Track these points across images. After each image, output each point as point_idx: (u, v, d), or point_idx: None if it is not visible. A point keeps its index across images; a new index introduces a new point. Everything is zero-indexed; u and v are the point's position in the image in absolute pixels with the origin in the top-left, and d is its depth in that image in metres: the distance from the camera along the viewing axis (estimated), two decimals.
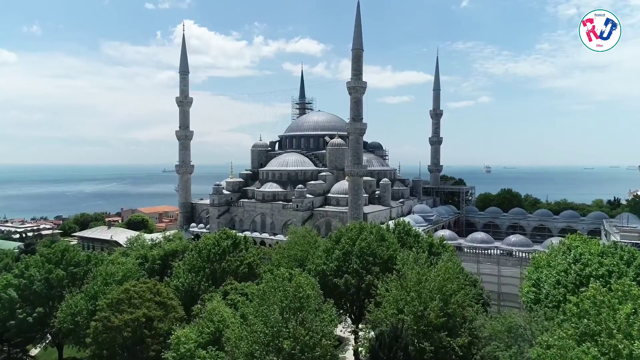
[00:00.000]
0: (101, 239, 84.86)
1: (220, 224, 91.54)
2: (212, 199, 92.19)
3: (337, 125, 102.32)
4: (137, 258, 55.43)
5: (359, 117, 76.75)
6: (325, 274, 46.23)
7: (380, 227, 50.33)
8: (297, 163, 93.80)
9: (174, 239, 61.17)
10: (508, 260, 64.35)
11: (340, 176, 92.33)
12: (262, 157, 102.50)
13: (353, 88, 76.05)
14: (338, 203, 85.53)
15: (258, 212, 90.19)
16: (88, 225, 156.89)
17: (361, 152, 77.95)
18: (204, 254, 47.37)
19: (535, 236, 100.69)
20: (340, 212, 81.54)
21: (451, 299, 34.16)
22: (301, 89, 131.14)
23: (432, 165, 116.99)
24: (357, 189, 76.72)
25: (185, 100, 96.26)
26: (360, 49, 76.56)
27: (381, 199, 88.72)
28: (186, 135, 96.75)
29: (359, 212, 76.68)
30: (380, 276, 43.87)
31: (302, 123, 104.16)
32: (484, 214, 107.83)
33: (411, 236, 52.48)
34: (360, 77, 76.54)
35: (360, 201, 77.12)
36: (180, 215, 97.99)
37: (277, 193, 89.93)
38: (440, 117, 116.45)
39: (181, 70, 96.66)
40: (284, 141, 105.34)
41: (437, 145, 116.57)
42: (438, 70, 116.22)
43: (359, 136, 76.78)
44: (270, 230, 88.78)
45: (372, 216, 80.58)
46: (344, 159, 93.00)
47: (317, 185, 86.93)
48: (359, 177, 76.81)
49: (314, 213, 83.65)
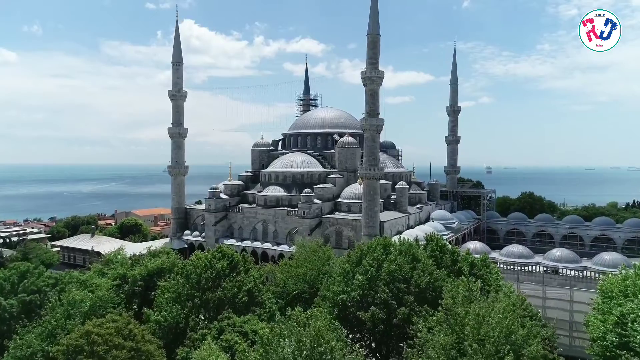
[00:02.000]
0: (82, 249, 75.38)
1: (217, 231, 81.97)
2: (207, 205, 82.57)
3: (347, 122, 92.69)
4: (115, 278, 46.01)
5: (375, 111, 67.15)
6: (345, 305, 36.77)
7: (411, 244, 40.73)
8: (303, 164, 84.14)
9: (161, 253, 51.51)
10: (553, 279, 54.78)
11: (351, 179, 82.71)
12: (263, 157, 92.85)
13: (368, 79, 66.43)
14: (350, 209, 75.88)
15: (259, 219, 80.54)
16: (78, 230, 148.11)
17: (377, 152, 68.34)
18: (193, 279, 37.80)
19: (564, 244, 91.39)
20: (352, 219, 71.88)
21: (523, 350, 24.99)
22: (305, 83, 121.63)
23: (449, 167, 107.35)
24: (372, 193, 67.11)
25: (178, 93, 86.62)
26: (377, 34, 66.97)
27: (397, 204, 79.06)
28: (180, 133, 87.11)
29: (374, 221, 67.11)
30: (415, 308, 34.58)
31: (308, 120, 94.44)
32: (507, 220, 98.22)
33: (447, 254, 42.87)
34: (376, 66, 66.94)
35: (376, 208, 67.53)
36: (173, 221, 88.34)
37: (281, 198, 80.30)
38: (457, 114, 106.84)
39: (174, 60, 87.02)
40: (288, 140, 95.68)
41: (454, 145, 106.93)
42: (455, 62, 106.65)
43: (375, 134, 67.16)
44: (273, 239, 79.13)
45: (389, 225, 71.03)
46: (355, 160, 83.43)
47: (326, 189, 77.28)
48: (375, 180, 67.19)
49: (322, 220, 74.00)
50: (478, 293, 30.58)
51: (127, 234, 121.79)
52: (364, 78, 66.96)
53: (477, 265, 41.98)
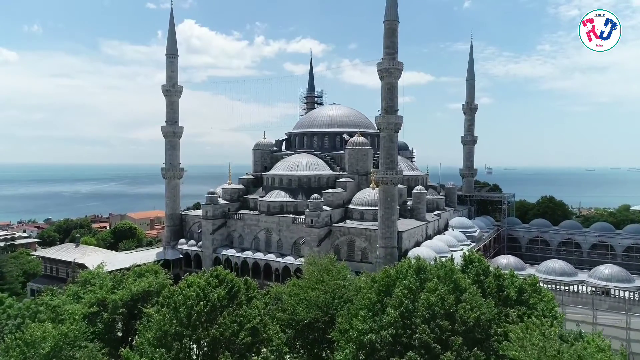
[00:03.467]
0: (65, 260, 67.80)
1: (215, 240, 74.39)
2: (205, 211, 74.94)
3: (357, 121, 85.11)
4: (92, 304, 38.53)
5: (394, 108, 59.57)
6: (373, 347, 29.24)
7: (452, 269, 33.14)
8: (310, 166, 76.51)
9: (148, 272, 43.91)
10: (603, 301, 47.25)
11: (363, 183, 75.16)
12: (266, 158, 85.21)
13: (386, 71, 58.87)
14: (362, 217, 68.27)
15: (262, 227, 72.94)
16: (70, 234, 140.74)
17: (395, 154, 60.75)
18: (183, 313, 30.23)
19: (592, 254, 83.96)
20: (366, 229, 64.26)
21: None
22: (310, 80, 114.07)
23: (465, 169, 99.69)
24: (390, 200, 59.53)
25: (173, 89, 78.97)
26: (395, 20, 59.44)
27: (414, 211, 71.48)
28: (174, 132, 79.45)
29: (392, 231, 59.55)
30: (464, 354, 27.21)
31: (315, 118, 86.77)
32: (529, 228, 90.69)
33: (491, 277, 35.28)
34: (394, 56, 59.38)
35: (394, 216, 59.95)
36: (167, 229, 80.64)
37: (286, 204, 72.69)
38: (475, 112, 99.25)
39: (168, 52, 79.40)
40: (292, 140, 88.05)
41: (470, 146, 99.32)
42: (472, 56, 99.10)
43: (393, 133, 59.54)
44: (276, 249, 71.58)
45: (407, 235, 63.48)
46: (367, 162, 75.88)
47: (336, 195, 69.66)
48: (392, 185, 59.60)
49: (332, 230, 66.42)
50: (556, 342, 23.17)
51: (121, 238, 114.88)
52: (380, 70, 59.41)
53: (526, 291, 34.50)
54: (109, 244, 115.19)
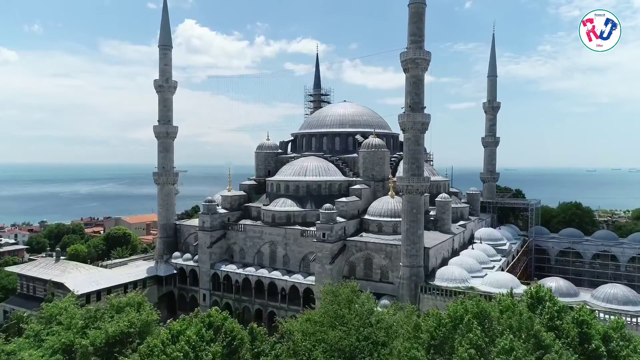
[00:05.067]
0: (43, 279, 59.59)
1: (213, 254, 66.13)
2: (202, 221, 66.62)
3: (371, 120, 76.76)
4: (55, 352, 30.37)
5: (420, 105, 51.30)
6: None
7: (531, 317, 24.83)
8: (320, 171, 68.19)
9: (129, 307, 35.57)
10: None
11: (379, 190, 66.89)
12: (270, 162, 76.86)
13: (412, 61, 50.58)
14: (380, 229, 59.99)
15: (266, 240, 64.66)
16: (61, 240, 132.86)
17: (422, 158, 52.43)
18: None
19: (628, 268, 75.87)
20: (386, 244, 55.90)
21: None
22: (316, 77, 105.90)
23: (486, 173, 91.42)
24: (415, 212, 51.23)
25: (166, 84, 70.65)
26: (422, 2, 51.17)
27: (438, 222, 63.19)
28: (167, 133, 71.10)
29: (418, 247, 51.27)
30: None
31: (324, 117, 78.33)
32: (559, 238, 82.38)
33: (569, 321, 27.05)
34: (421, 44, 51.09)
35: (420, 230, 51.67)
36: (159, 241, 72.24)
37: (293, 214, 64.41)
38: (497, 110, 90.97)
39: (161, 43, 71.12)
40: (299, 141, 79.63)
41: (492, 148, 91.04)
42: (494, 51, 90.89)
43: (419, 134, 51.23)
44: (282, 265, 63.32)
45: (435, 252, 55.18)
46: (384, 166, 67.61)
47: (350, 204, 61.35)
48: (419, 195, 51.29)
49: (347, 245, 58.13)
50: None
51: (114, 245, 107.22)
52: (404, 61, 51.12)
53: (613, 339, 26.33)
54: (101, 252, 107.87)
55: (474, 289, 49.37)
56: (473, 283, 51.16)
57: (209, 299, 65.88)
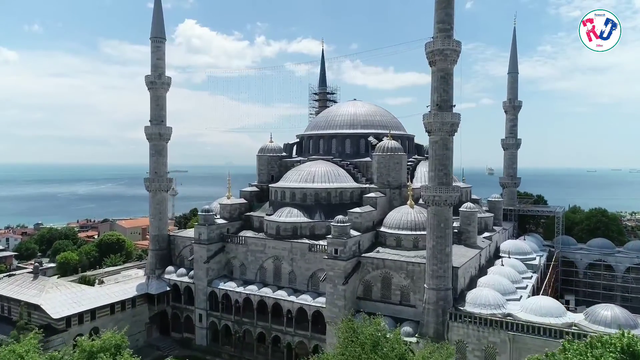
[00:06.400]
0: (17, 299, 52.61)
1: (211, 270, 59.23)
2: (198, 233, 59.61)
3: (385, 121, 69.81)
4: None
5: (449, 103, 44.41)
6: None
7: None
8: (329, 177, 61.26)
9: (104, 351, 28.60)
10: None
11: (395, 198, 60.00)
12: (273, 166, 69.89)
13: (440, 53, 43.67)
14: (399, 244, 53.08)
15: (269, 255, 57.74)
16: (52, 245, 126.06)
17: (451, 165, 45.45)
18: None
19: None
20: (408, 263, 48.92)
21: None
22: (321, 73, 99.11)
23: (507, 177, 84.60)
24: (443, 227, 44.34)
25: (159, 80, 63.69)
26: None
27: (463, 235, 56.22)
28: (160, 134, 64.13)
29: (446, 267, 44.40)
30: None
31: (333, 117, 71.31)
32: (588, 249, 75.50)
33: None
34: (450, 33, 44.19)
35: (449, 248, 44.76)
36: (151, 254, 65.15)
37: (300, 225, 57.47)
38: (518, 110, 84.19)
39: (153, 35, 64.12)
40: (305, 143, 72.65)
41: (513, 150, 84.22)
42: (515, 45, 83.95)
43: (447, 136, 44.34)
44: (288, 283, 56.40)
45: (463, 271, 48.28)
46: (401, 172, 60.72)
47: (365, 215, 54.39)
48: (447, 207, 44.40)
49: (361, 262, 51.20)
50: None
51: (107, 252, 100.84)
52: (431, 52, 44.20)
53: None
54: (93, 259, 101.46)
55: (513, 316, 42.57)
56: (510, 308, 44.31)
57: (205, 320, 58.94)
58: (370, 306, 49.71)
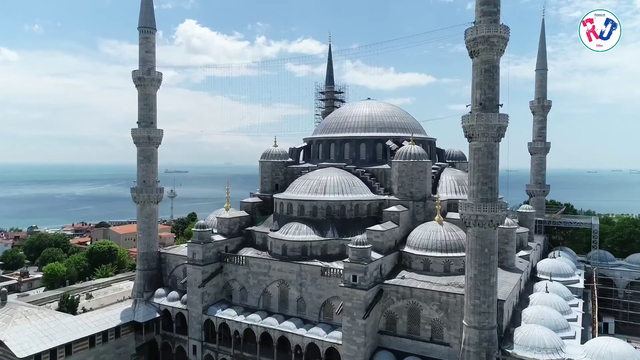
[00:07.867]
0: None
1: (207, 295, 51.24)
2: (192, 252, 51.55)
3: (405, 123, 61.85)
4: None
5: (495, 102, 36.53)
6: None
7: None
8: (343, 187, 53.29)
9: None
10: None
11: (419, 212, 52.02)
12: (278, 173, 61.96)
13: (484, 41, 35.74)
14: (427, 267, 45.17)
15: (274, 278, 49.75)
16: (41, 254, 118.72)
17: (496, 177, 37.49)
18: None
19: None
20: (442, 292, 40.92)
21: None
22: (328, 70, 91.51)
23: (535, 185, 76.72)
24: (488, 252, 36.42)
25: (147, 76, 55.78)
26: None
27: (500, 255, 48.21)
28: (149, 137, 56.18)
29: (490, 300, 36.47)
30: None
31: (345, 118, 63.24)
32: (628, 266, 67.59)
33: None
34: (496, 17, 36.32)
35: (494, 278, 36.87)
36: (139, 274, 56.99)
37: (310, 244, 49.46)
38: (548, 110, 76.44)
39: (142, 25, 56.21)
40: (314, 148, 64.60)
41: (541, 155, 76.37)
42: (544, 40, 76.34)
43: (493, 142, 36.45)
44: (296, 311, 48.41)
45: (508, 303, 40.30)
46: (425, 181, 52.73)
47: (387, 234, 46.37)
48: (492, 228, 36.49)
49: (384, 290, 43.27)
50: None
51: (98, 262, 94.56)
52: (473, 40, 36.27)
53: None
54: (83, 270, 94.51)
55: None
56: (569, 353, 36.36)
57: (200, 353, 50.95)
58: (394, 342, 42.02)
